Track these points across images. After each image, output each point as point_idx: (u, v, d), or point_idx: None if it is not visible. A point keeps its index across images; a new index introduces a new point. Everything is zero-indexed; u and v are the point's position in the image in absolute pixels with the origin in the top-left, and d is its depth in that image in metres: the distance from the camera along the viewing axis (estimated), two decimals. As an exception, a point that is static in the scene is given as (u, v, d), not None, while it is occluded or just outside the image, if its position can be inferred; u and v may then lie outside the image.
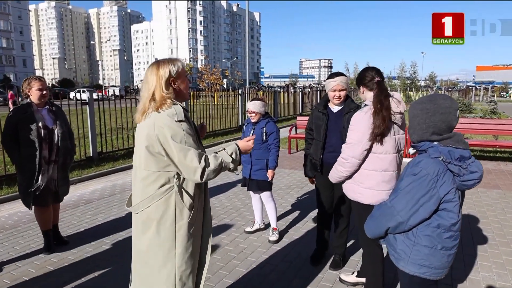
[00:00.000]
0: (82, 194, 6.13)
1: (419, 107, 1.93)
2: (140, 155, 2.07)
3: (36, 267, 3.64)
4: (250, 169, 4.13)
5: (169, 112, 1.97)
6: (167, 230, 2.05)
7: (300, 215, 5.03)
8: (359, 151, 2.65)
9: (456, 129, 7.36)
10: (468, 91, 40.06)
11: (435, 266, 1.91)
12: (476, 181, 1.81)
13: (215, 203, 5.60)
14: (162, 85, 2.02)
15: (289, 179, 6.98)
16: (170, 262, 2.07)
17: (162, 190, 2.04)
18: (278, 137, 4.15)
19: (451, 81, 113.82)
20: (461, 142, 1.85)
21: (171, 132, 1.93)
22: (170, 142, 1.93)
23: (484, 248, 3.98)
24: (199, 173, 1.95)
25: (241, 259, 3.77)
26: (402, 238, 1.96)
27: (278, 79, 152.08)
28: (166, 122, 1.94)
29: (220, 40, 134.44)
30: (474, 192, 5.96)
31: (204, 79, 21.69)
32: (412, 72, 53.94)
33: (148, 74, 2.06)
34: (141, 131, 2.05)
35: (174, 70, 2.06)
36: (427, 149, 1.88)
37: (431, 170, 1.79)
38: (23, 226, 4.70)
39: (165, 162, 2.01)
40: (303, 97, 21.09)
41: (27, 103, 3.76)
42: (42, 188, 3.77)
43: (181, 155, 1.93)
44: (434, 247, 1.88)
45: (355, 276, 3.25)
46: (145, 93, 2.04)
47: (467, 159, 1.81)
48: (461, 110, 18.66)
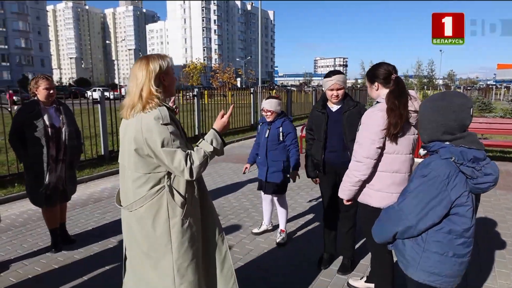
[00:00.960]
0: (92, 193, 6.16)
1: (430, 105, 1.83)
2: (128, 156, 2.06)
3: (42, 265, 3.64)
4: (266, 171, 4.02)
5: (155, 114, 1.95)
6: (161, 227, 2.07)
7: (309, 217, 4.94)
8: (374, 149, 2.50)
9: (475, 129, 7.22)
10: (488, 90, 39.12)
11: (446, 274, 1.80)
12: (491, 184, 1.69)
13: (224, 203, 5.55)
14: (151, 80, 2.00)
15: (300, 180, 6.85)
16: (167, 256, 2.09)
17: (153, 191, 2.05)
18: (296, 136, 4.05)
19: (471, 80, 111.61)
20: (475, 142, 1.73)
21: (158, 137, 1.93)
22: (158, 146, 1.93)
23: (502, 254, 3.80)
24: (188, 173, 1.96)
25: (246, 261, 3.71)
26: (411, 244, 1.86)
27: (293, 78, 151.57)
28: (153, 126, 1.94)
29: (234, 39, 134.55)
30: (492, 195, 5.74)
31: (217, 78, 21.74)
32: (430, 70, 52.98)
33: (137, 69, 2.03)
34: (128, 131, 2.04)
35: (164, 66, 2.04)
36: (438, 149, 1.77)
37: (442, 172, 1.69)
38: (33, 224, 4.73)
39: (154, 164, 2.02)
40: (317, 96, 20.91)
41: (34, 102, 3.76)
42: (51, 187, 3.78)
43: (169, 159, 1.94)
44: (445, 254, 1.78)
45: (364, 281, 3.13)
46: (133, 88, 2.01)
47: (482, 161, 1.70)
48: (481, 109, 18.19)
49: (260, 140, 4.14)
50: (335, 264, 3.59)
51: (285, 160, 4.02)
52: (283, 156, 4.00)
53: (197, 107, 11.60)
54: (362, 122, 2.59)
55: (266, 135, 4.02)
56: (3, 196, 5.69)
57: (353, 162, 2.63)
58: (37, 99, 3.76)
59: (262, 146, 4.07)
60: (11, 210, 5.29)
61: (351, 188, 2.66)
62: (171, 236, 2.07)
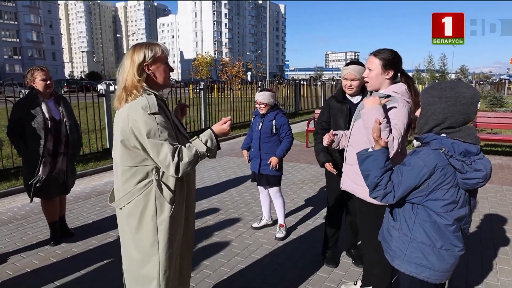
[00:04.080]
0: (95, 186, 6.15)
1: (437, 94, 1.71)
2: (115, 148, 1.99)
3: (40, 258, 3.63)
4: (259, 163, 3.99)
5: (142, 103, 1.85)
6: (148, 225, 1.97)
7: (311, 212, 4.86)
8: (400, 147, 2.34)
9: (485, 123, 7.00)
10: (501, 84, 38.42)
11: (434, 268, 1.74)
12: (480, 180, 1.60)
13: (225, 197, 5.50)
14: (134, 70, 1.90)
15: (304, 174, 6.80)
16: (154, 257, 2.01)
17: (141, 186, 1.96)
18: (290, 129, 3.99)
19: (484, 74, 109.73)
20: (472, 136, 1.65)
21: (144, 126, 1.83)
22: (144, 137, 1.83)
23: (505, 251, 3.71)
24: (173, 169, 1.85)
25: (244, 256, 3.65)
26: (398, 234, 1.83)
27: (303, 72, 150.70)
28: (139, 115, 1.83)
29: (245, 33, 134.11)
30: (499, 190, 5.62)
31: (225, 72, 21.63)
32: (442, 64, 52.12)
33: (124, 58, 1.96)
34: (116, 123, 1.96)
35: (149, 55, 1.92)
36: (430, 141, 1.70)
37: (429, 162, 1.63)
38: (34, 217, 4.73)
39: (142, 156, 1.92)
40: (326, 90, 20.71)
41: (32, 94, 3.72)
42: (48, 180, 3.74)
43: (155, 151, 1.84)
44: (432, 245, 1.73)
45: (359, 286, 2.99)
46: (120, 78, 1.94)
47: (474, 155, 1.61)
48: (492, 103, 17.83)
49: (253, 132, 4.09)
50: (335, 260, 3.51)
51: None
52: (276, 149, 3.95)
53: (203, 100, 11.54)
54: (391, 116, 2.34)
55: (259, 127, 3.98)
56: (6, 189, 5.71)
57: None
58: (36, 92, 3.72)
59: (255, 139, 4.03)
60: (14, 203, 5.30)
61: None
62: (158, 235, 1.98)
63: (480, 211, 4.77)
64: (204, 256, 3.64)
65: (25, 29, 71.92)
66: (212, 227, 4.38)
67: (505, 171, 6.69)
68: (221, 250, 3.78)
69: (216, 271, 3.36)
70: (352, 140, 2.68)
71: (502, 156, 7.91)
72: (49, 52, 76.87)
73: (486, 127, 8.71)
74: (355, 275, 3.29)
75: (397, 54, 2.45)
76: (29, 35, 72.71)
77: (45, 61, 73.01)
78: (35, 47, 73.89)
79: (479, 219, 4.52)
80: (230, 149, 9.24)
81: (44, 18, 75.43)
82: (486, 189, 5.61)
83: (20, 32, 71.63)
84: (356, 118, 2.69)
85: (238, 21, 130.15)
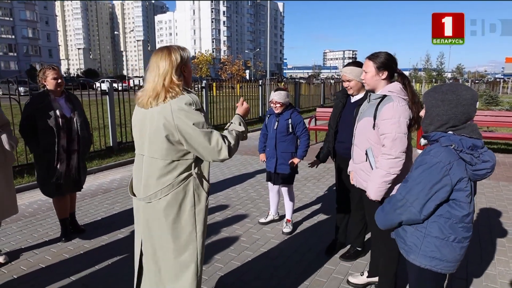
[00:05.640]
0: (101, 184, 6.22)
1: (440, 97, 1.85)
2: (152, 144, 2.06)
3: (53, 254, 3.70)
4: (275, 162, 4.06)
5: (187, 100, 1.99)
6: (187, 215, 2.12)
7: (316, 208, 4.95)
8: (406, 142, 2.44)
9: (481, 121, 7.20)
10: (496, 83, 38.77)
11: (447, 259, 1.87)
12: (489, 170, 1.76)
13: (231, 193, 5.58)
14: (173, 71, 2.02)
15: (307, 171, 6.87)
16: (191, 245, 2.15)
17: (181, 178, 2.08)
18: (306, 126, 4.08)
19: (479, 73, 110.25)
20: (475, 132, 1.81)
21: (193, 120, 1.97)
22: (192, 131, 1.96)
23: (502, 243, 3.89)
24: (226, 151, 2.03)
25: (253, 250, 3.75)
26: (413, 230, 1.92)
27: (301, 71, 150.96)
28: (186, 111, 1.97)
29: (243, 31, 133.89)
30: (495, 186, 5.82)
31: (225, 70, 21.70)
32: (439, 63, 52.43)
33: (158, 59, 2.05)
34: (153, 119, 2.03)
35: (185, 57, 2.09)
36: (438, 138, 1.83)
37: (443, 158, 1.75)
38: (42, 214, 4.79)
39: (183, 150, 2.05)
40: (325, 88, 20.81)
41: (44, 92, 3.78)
42: (62, 177, 3.81)
43: (206, 139, 1.98)
44: (446, 239, 1.84)
45: (366, 277, 3.10)
46: (156, 78, 2.02)
47: (480, 148, 1.76)
48: (488, 102, 18.01)
49: (268, 132, 4.15)
50: (341, 252, 3.65)
51: (293, 152, 4.04)
52: (292, 148, 4.03)
53: (205, 99, 11.59)
54: (386, 117, 2.44)
55: (274, 126, 4.02)
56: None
57: (387, 160, 2.44)
58: (47, 90, 3.79)
59: (270, 138, 4.08)
60: (21, 201, 5.35)
61: (386, 186, 2.48)
62: (196, 224, 2.14)
63: (478, 206, 4.93)
64: (215, 251, 3.72)
65: (21, 25, 71.26)
66: (220, 222, 4.46)
67: (501, 167, 6.84)
68: (231, 244, 3.87)
69: (226, 264, 3.45)
70: (357, 140, 2.81)
71: (498, 154, 8.02)
72: (45, 49, 76.35)
73: (482, 125, 8.84)
74: (360, 267, 3.40)
75: (391, 56, 2.61)
76: (24, 31, 72.09)
77: (41, 58, 72.50)
78: (31, 44, 73.30)
79: (477, 214, 4.67)
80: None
81: (40, 15, 74.74)
82: (483, 184, 5.78)
83: (15, 28, 70.93)
84: (359, 118, 2.80)
85: (237, 19, 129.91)
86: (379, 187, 2.49)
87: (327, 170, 6.92)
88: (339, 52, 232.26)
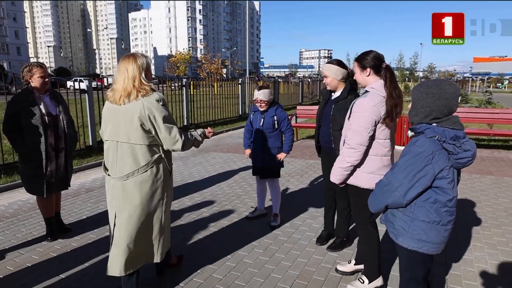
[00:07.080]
0: (83, 183, 6.13)
1: (425, 91, 2.00)
2: (130, 132, 2.50)
3: (39, 254, 3.64)
4: (262, 158, 4.16)
5: (156, 97, 2.51)
6: (160, 186, 2.67)
7: (300, 202, 5.05)
8: (367, 137, 2.63)
9: (453, 118, 7.00)
10: (465, 82, 40.25)
11: (433, 241, 2.02)
12: (470, 159, 1.92)
13: (217, 190, 5.62)
14: (142, 73, 2.52)
15: (290, 167, 6.99)
16: (159, 207, 2.72)
17: (154, 158, 2.60)
18: (290, 121, 4.20)
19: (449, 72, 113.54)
20: (457, 123, 1.97)
21: (160, 114, 2.50)
22: (159, 122, 2.51)
23: (477, 230, 4.14)
24: (180, 143, 2.61)
25: (242, 244, 3.81)
26: (401, 214, 2.08)
27: (278, 69, 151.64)
28: (155, 105, 2.50)
29: (220, 30, 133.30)
30: (468, 178, 6.13)
31: (204, 69, 21.58)
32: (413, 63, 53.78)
33: (127, 64, 2.51)
34: (126, 113, 2.49)
35: (148, 63, 2.59)
36: (424, 130, 1.97)
37: (427, 148, 1.90)
38: (24, 214, 4.70)
39: (153, 136, 2.56)
40: (303, 87, 21.05)
41: (28, 90, 3.69)
42: (53, 176, 3.76)
43: (167, 131, 2.54)
44: (432, 222, 1.99)
45: (353, 265, 3.24)
46: (126, 80, 2.49)
47: (461, 139, 1.92)
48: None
49: (253, 129, 4.23)
50: (330, 242, 3.79)
51: (279, 147, 4.18)
52: (278, 143, 4.16)
53: (185, 97, 11.54)
54: (355, 110, 2.68)
55: (260, 123, 4.11)
56: (-10, 187, 5.61)
57: (346, 148, 2.72)
58: (31, 87, 3.71)
59: (257, 134, 4.16)
60: (0, 202, 5.22)
61: (343, 172, 2.79)
62: (165, 193, 2.73)
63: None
64: (204, 246, 3.77)
65: (-13, 22, 68.56)
66: (208, 218, 4.50)
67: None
68: (219, 240, 3.92)
69: (219, 258, 3.51)
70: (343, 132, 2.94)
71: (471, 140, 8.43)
72: (13, 47, 73.63)
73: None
74: (347, 256, 3.55)
75: (373, 55, 2.75)
76: (-10, 28, 69.45)
77: (9, 56, 70.01)
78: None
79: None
80: (214, 145, 9.33)
81: (7, 11, 71.80)
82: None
83: (-19, 25, 68.25)
84: (348, 116, 2.92)
85: (213, 18, 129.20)
86: (336, 170, 2.82)
87: (309, 166, 7.05)
88: (315, 51, 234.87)
